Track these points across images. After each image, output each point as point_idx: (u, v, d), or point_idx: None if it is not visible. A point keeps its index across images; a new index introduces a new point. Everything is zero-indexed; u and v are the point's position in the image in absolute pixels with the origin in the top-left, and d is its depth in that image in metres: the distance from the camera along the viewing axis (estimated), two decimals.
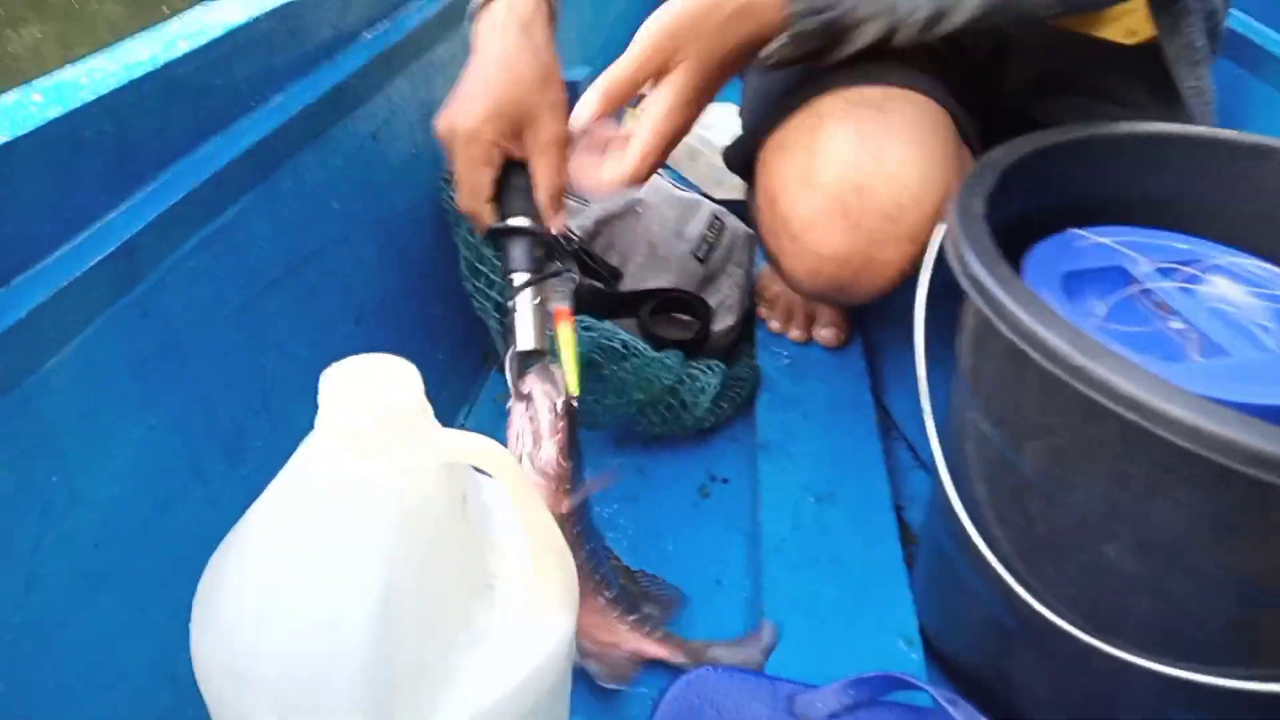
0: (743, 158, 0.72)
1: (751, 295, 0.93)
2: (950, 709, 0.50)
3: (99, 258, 0.42)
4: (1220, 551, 0.38)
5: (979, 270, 0.43)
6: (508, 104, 0.57)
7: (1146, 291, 0.53)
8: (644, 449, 0.81)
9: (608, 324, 0.76)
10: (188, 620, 0.49)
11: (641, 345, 0.76)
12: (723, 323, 0.86)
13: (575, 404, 0.57)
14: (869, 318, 0.97)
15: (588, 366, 0.72)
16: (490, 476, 0.38)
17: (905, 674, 0.53)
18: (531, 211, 0.59)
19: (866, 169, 0.58)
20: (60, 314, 0.41)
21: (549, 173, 0.58)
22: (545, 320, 0.59)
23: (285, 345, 0.59)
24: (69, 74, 0.43)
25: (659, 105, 0.55)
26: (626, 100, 0.56)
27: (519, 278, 0.58)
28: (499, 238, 0.60)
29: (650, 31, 0.54)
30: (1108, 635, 0.44)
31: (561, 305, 0.60)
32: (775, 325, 0.91)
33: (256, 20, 0.53)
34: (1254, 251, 0.56)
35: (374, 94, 0.66)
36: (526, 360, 0.57)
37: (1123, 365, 0.37)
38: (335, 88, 0.60)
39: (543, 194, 0.59)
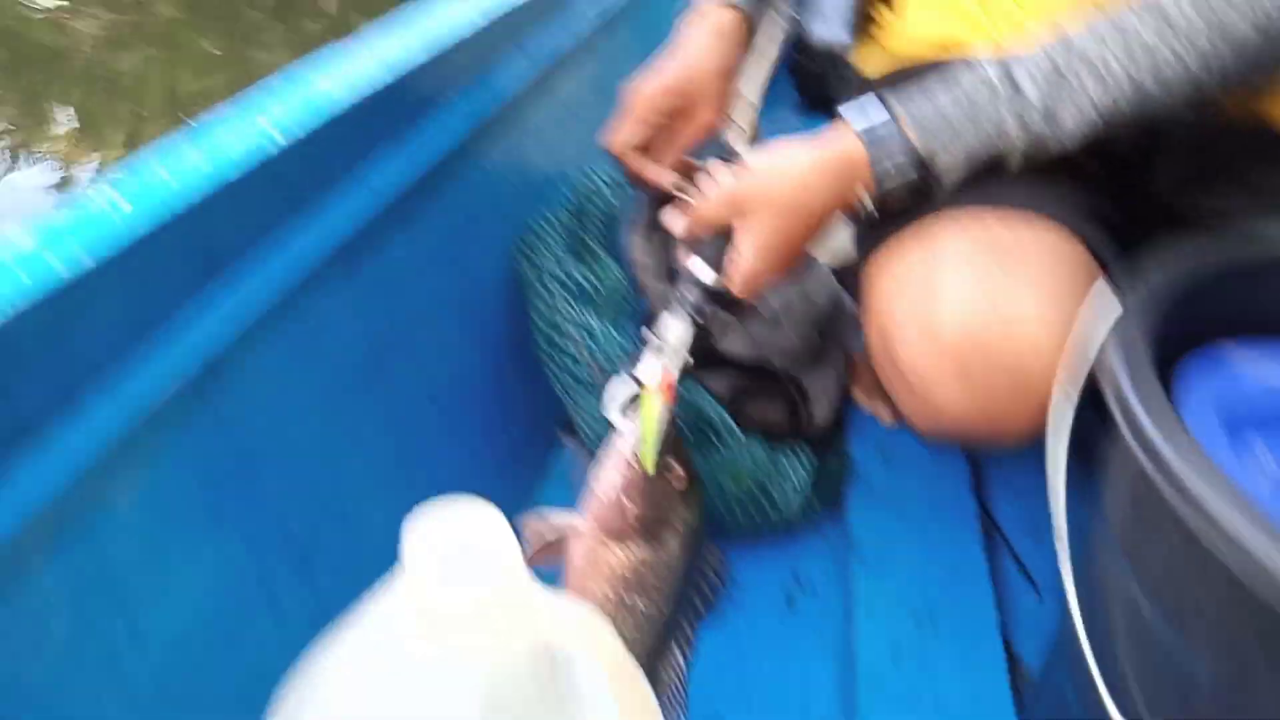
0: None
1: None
2: None
3: (175, 386, 0.39)
4: None
5: (1161, 445, 0.37)
6: (682, 82, 0.67)
7: None
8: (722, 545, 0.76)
9: (705, 395, 0.72)
10: None
11: (734, 428, 0.71)
12: (820, 413, 0.80)
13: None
14: None
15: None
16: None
17: None
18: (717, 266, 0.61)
19: (990, 325, 0.53)
20: (134, 437, 0.38)
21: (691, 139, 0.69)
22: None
23: (360, 435, 0.56)
24: (157, 172, 0.40)
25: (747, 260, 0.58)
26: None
27: (676, 324, 0.60)
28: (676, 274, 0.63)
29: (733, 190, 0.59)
30: None
31: (669, 373, 0.59)
32: (862, 401, 0.87)
33: (358, 102, 0.50)
34: None
35: (468, 169, 0.63)
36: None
37: None
38: (432, 169, 0.57)
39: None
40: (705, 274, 0.60)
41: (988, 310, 0.54)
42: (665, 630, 0.64)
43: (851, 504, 0.77)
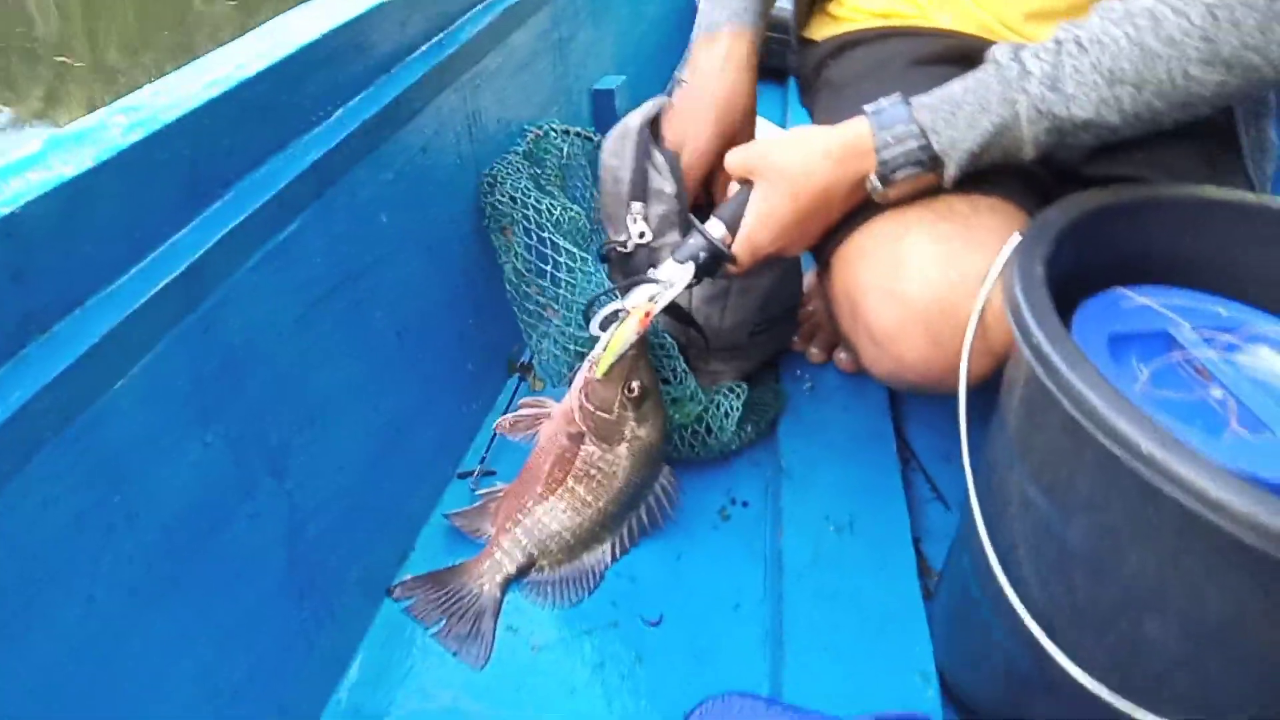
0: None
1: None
2: None
3: (169, 278, 0.42)
4: (1267, 638, 0.40)
5: (1044, 343, 0.44)
6: (726, 129, 0.74)
7: (1189, 358, 0.54)
8: None
9: (665, 336, 0.77)
10: (227, 639, 0.50)
11: (682, 371, 0.76)
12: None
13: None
14: None
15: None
16: None
17: (925, 714, 0.55)
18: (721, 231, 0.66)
19: (951, 285, 0.58)
20: (130, 336, 0.40)
21: None
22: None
23: (333, 361, 0.59)
24: (150, 93, 0.43)
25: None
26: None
27: (678, 266, 0.65)
28: (690, 224, 0.68)
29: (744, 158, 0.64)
30: (1141, 701, 0.46)
31: (652, 304, 0.65)
32: (798, 344, 0.93)
33: (326, 35, 0.52)
34: None
35: (425, 107, 0.66)
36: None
37: (1186, 454, 0.38)
38: (392, 102, 0.60)
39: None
40: (716, 230, 0.64)
41: (951, 275, 0.58)
42: (601, 524, 0.71)
43: (782, 433, 0.83)
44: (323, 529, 0.59)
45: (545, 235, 0.74)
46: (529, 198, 0.76)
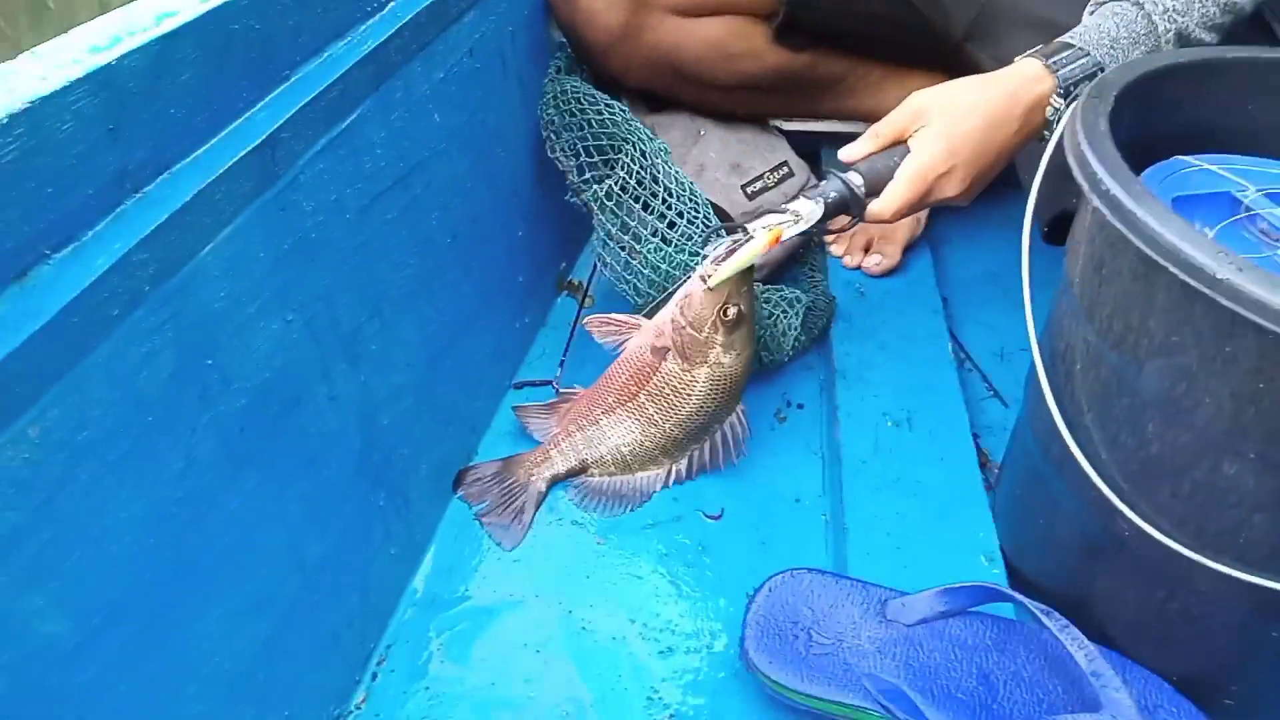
0: None
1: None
2: (1044, 618, 0.52)
3: (246, 150, 0.43)
4: None
5: (1111, 184, 0.43)
6: None
7: (1254, 217, 0.53)
8: None
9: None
10: (312, 514, 0.52)
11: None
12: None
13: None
14: (943, 248, 0.97)
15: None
16: None
17: (997, 585, 0.55)
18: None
19: None
20: (214, 202, 0.42)
21: None
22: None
23: (393, 255, 0.60)
24: None
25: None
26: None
27: (807, 204, 0.63)
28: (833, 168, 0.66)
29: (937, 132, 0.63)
30: (1215, 553, 0.46)
31: (781, 231, 0.63)
32: (834, 249, 0.94)
33: None
34: None
35: (469, 9, 0.66)
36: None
37: (1266, 278, 0.37)
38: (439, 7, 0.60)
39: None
40: (856, 181, 0.64)
41: None
42: (662, 447, 0.71)
43: (836, 339, 0.83)
44: (394, 420, 0.61)
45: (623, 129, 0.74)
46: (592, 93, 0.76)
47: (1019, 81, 0.63)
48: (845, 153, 0.66)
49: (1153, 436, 0.47)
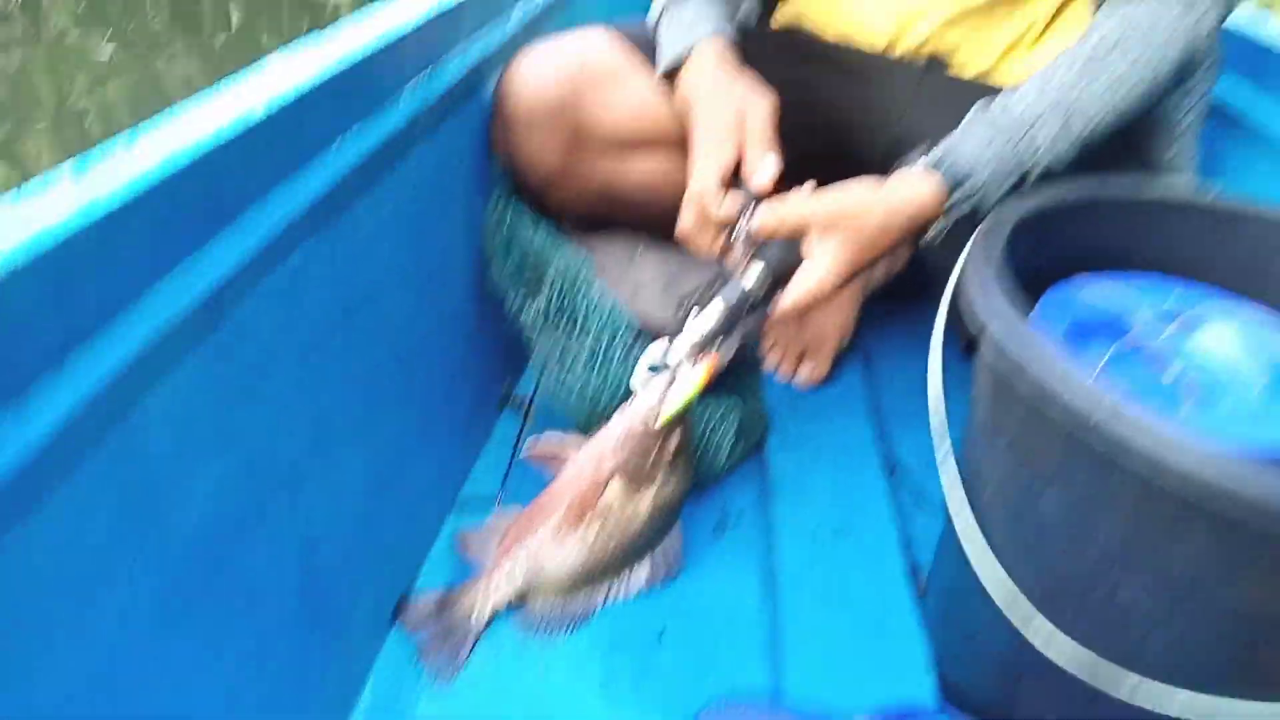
0: None
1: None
2: None
3: (189, 298, 0.45)
4: (1230, 590, 0.43)
5: (997, 329, 0.47)
6: (737, 152, 0.71)
7: (1143, 343, 0.58)
8: None
9: None
10: (248, 665, 0.51)
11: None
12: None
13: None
14: (876, 357, 1.02)
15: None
16: None
17: (925, 706, 0.57)
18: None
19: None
20: (160, 350, 0.43)
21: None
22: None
23: (335, 389, 0.61)
24: (170, 129, 0.46)
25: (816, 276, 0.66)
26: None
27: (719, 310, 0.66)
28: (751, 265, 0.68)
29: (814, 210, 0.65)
30: (1125, 666, 0.48)
31: (716, 357, 0.66)
32: (766, 364, 0.99)
33: (333, 76, 0.56)
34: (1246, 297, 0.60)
35: (420, 142, 0.70)
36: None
37: (1138, 425, 0.41)
38: (391, 135, 0.64)
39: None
40: (752, 279, 0.66)
41: None
42: (601, 570, 0.72)
43: (770, 447, 0.86)
44: (333, 552, 0.61)
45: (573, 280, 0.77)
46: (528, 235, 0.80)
47: (917, 207, 0.66)
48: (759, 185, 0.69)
49: (1057, 558, 0.50)
